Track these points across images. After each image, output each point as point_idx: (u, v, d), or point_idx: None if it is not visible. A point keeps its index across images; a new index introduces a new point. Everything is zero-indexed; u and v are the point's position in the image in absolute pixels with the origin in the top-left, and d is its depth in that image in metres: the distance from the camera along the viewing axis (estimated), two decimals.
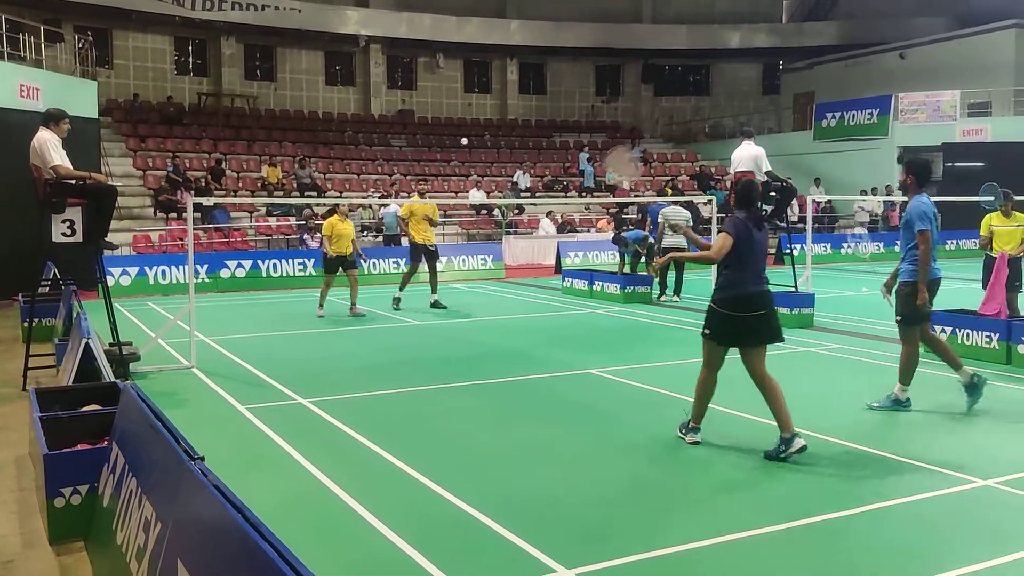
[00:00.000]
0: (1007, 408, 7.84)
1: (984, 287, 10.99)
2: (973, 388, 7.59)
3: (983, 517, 5.12)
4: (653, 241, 16.52)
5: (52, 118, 8.70)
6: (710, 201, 14.93)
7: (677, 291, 15.81)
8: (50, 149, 8.36)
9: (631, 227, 18.72)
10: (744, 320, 6.34)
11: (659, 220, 15.96)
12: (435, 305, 14.42)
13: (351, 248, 13.95)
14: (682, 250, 15.51)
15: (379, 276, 19.67)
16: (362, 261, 14.96)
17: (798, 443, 6.11)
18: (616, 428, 7.15)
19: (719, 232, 6.63)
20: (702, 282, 16.77)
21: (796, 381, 8.47)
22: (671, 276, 16.02)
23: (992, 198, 11.00)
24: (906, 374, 7.65)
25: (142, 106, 29.03)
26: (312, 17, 31.55)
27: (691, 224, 15.81)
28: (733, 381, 8.56)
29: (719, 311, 6.43)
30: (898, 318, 7.72)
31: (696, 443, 6.56)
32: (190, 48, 31.87)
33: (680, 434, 6.71)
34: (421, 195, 15.39)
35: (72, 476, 4.84)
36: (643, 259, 16.99)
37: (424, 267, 14.63)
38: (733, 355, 6.56)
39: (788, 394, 7.81)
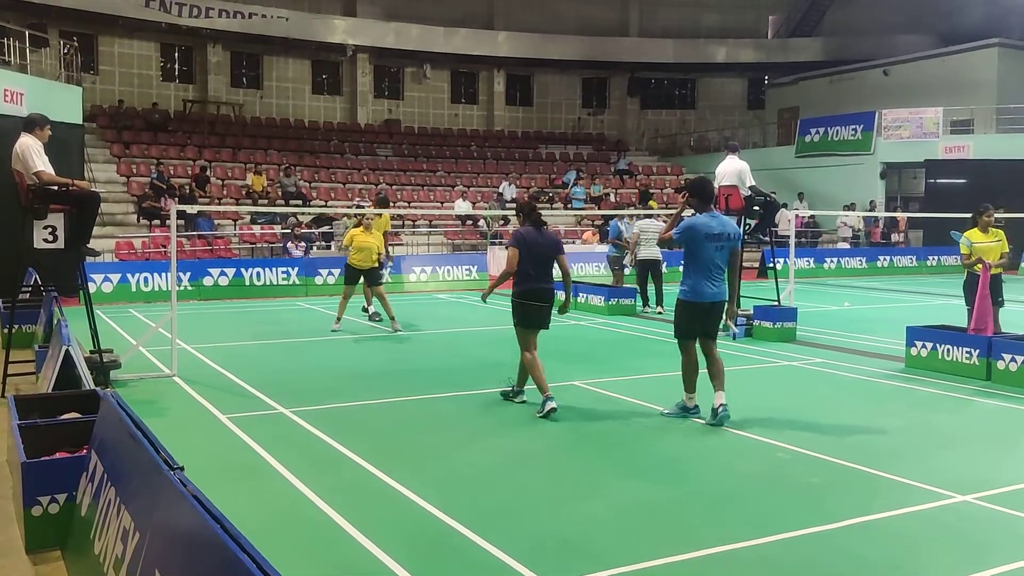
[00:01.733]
0: (986, 424, 7.90)
1: (967, 304, 10.99)
2: (714, 415, 7.52)
3: (962, 533, 5.15)
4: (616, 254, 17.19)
5: (34, 123, 8.64)
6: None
7: (659, 303, 15.87)
8: (33, 155, 8.31)
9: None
10: (532, 309, 7.93)
11: (634, 231, 16.14)
12: (372, 315, 14.19)
13: (375, 261, 13.42)
14: (658, 261, 15.71)
15: (362, 285, 19.60)
16: (388, 266, 14.08)
17: (549, 405, 7.64)
18: (598, 440, 7.15)
19: (508, 247, 8.22)
20: None
21: (778, 395, 8.52)
22: (651, 288, 16.07)
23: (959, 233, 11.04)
24: (687, 382, 7.84)
25: (127, 112, 28.90)
26: (299, 26, 31.53)
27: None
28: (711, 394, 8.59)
29: (516, 302, 7.96)
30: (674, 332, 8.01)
31: (523, 402, 8.15)
32: (176, 55, 31.77)
33: (510, 398, 8.28)
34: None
35: (50, 484, 4.80)
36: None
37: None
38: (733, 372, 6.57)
39: (769, 407, 7.85)
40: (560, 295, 8.29)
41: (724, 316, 8.08)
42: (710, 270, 7.62)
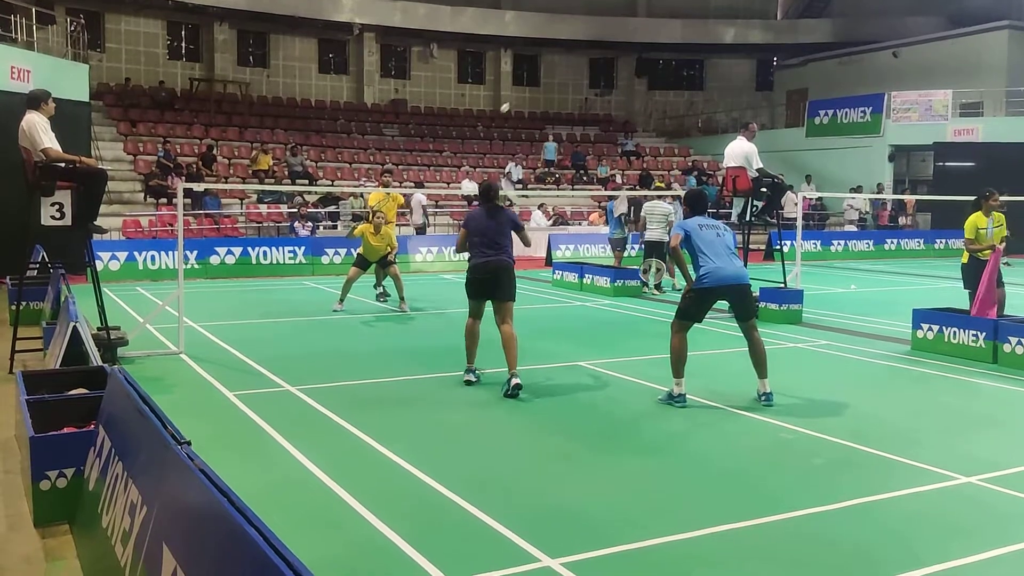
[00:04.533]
0: (992, 407, 7.90)
1: (966, 287, 11.00)
2: (767, 397, 7.56)
3: (964, 514, 5.16)
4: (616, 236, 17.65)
5: (37, 99, 8.62)
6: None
7: (658, 285, 15.91)
8: (39, 132, 8.31)
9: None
10: (473, 281, 8.25)
11: (641, 214, 16.23)
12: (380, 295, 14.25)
13: (386, 253, 13.41)
14: (663, 243, 15.72)
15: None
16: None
17: (513, 381, 7.79)
18: (603, 420, 7.17)
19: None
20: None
21: (783, 377, 8.51)
22: (652, 269, 16.10)
23: None
24: (675, 367, 7.60)
25: (133, 90, 28.89)
26: (306, 4, 31.42)
27: (672, 218, 15.98)
28: (717, 376, 8.61)
29: (467, 275, 8.36)
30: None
31: (470, 382, 8.22)
32: (183, 33, 31.72)
33: (465, 377, 8.31)
34: (385, 185, 15.18)
35: (58, 459, 4.83)
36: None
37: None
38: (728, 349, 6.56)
39: (773, 389, 7.85)
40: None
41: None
42: (721, 251, 7.55)
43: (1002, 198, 11.14)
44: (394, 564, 4.37)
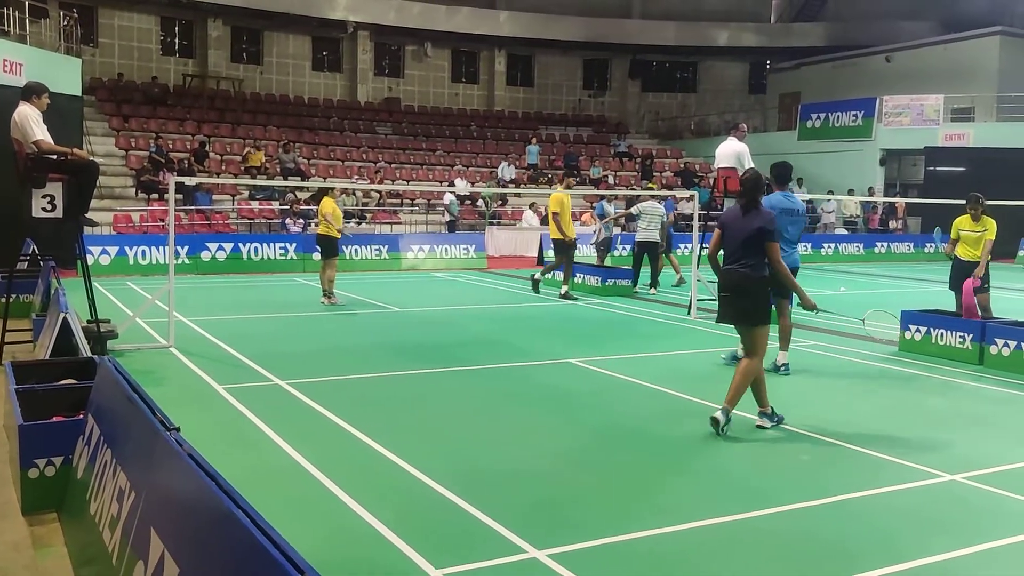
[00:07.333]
0: (976, 407, 7.95)
1: (951, 288, 11.20)
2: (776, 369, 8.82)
3: (947, 511, 5.21)
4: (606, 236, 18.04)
5: (32, 92, 8.60)
6: (692, 197, 15.03)
7: (653, 284, 15.96)
8: (31, 124, 8.28)
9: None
10: (720, 298, 6.91)
11: (634, 211, 16.36)
12: (565, 296, 14.77)
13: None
14: (655, 244, 15.78)
15: (361, 262, 19.71)
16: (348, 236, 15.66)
17: (714, 415, 6.61)
18: (592, 416, 7.20)
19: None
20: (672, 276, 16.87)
21: (771, 376, 8.56)
22: (646, 269, 16.16)
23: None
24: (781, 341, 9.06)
25: (126, 85, 28.81)
26: (300, 1, 31.36)
27: (666, 220, 16.21)
28: (706, 375, 8.64)
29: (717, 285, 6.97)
30: None
31: (762, 427, 6.82)
32: (176, 29, 31.64)
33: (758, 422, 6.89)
34: (568, 187, 15.76)
35: (46, 447, 4.84)
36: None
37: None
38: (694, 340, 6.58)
39: (768, 389, 7.87)
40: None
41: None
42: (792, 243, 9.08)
43: (991, 203, 11.22)
44: (380, 553, 4.39)
